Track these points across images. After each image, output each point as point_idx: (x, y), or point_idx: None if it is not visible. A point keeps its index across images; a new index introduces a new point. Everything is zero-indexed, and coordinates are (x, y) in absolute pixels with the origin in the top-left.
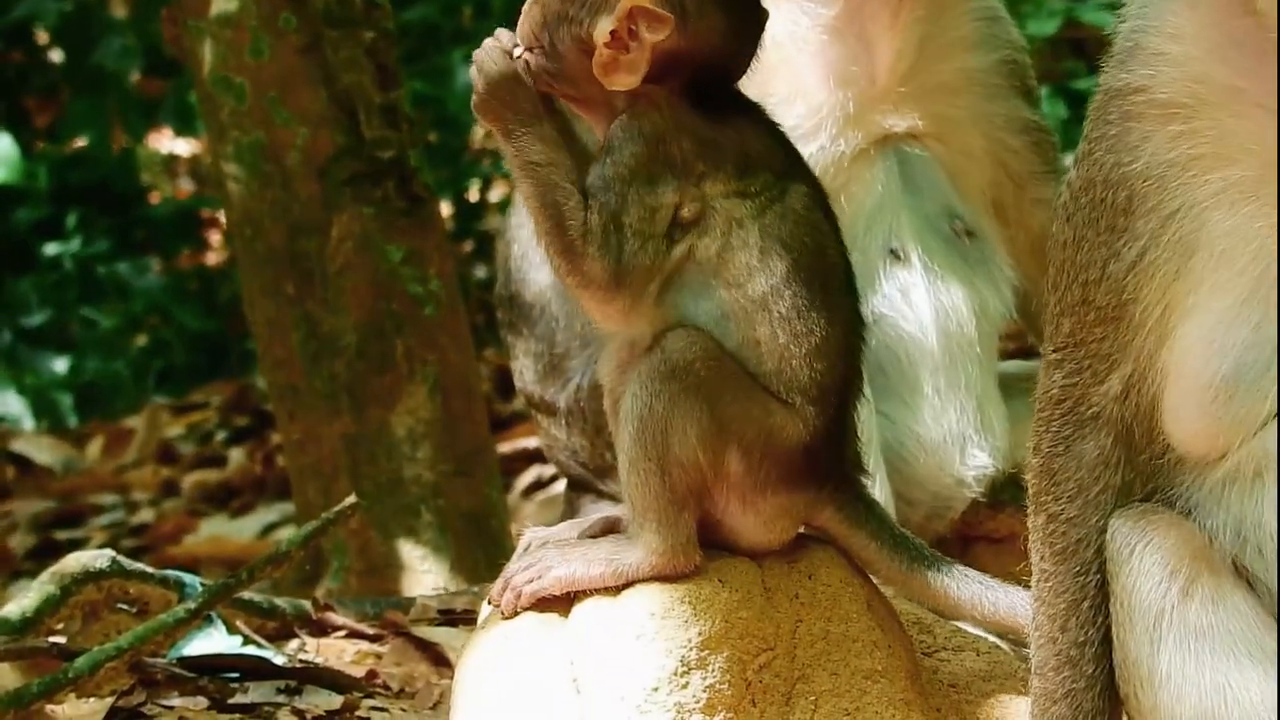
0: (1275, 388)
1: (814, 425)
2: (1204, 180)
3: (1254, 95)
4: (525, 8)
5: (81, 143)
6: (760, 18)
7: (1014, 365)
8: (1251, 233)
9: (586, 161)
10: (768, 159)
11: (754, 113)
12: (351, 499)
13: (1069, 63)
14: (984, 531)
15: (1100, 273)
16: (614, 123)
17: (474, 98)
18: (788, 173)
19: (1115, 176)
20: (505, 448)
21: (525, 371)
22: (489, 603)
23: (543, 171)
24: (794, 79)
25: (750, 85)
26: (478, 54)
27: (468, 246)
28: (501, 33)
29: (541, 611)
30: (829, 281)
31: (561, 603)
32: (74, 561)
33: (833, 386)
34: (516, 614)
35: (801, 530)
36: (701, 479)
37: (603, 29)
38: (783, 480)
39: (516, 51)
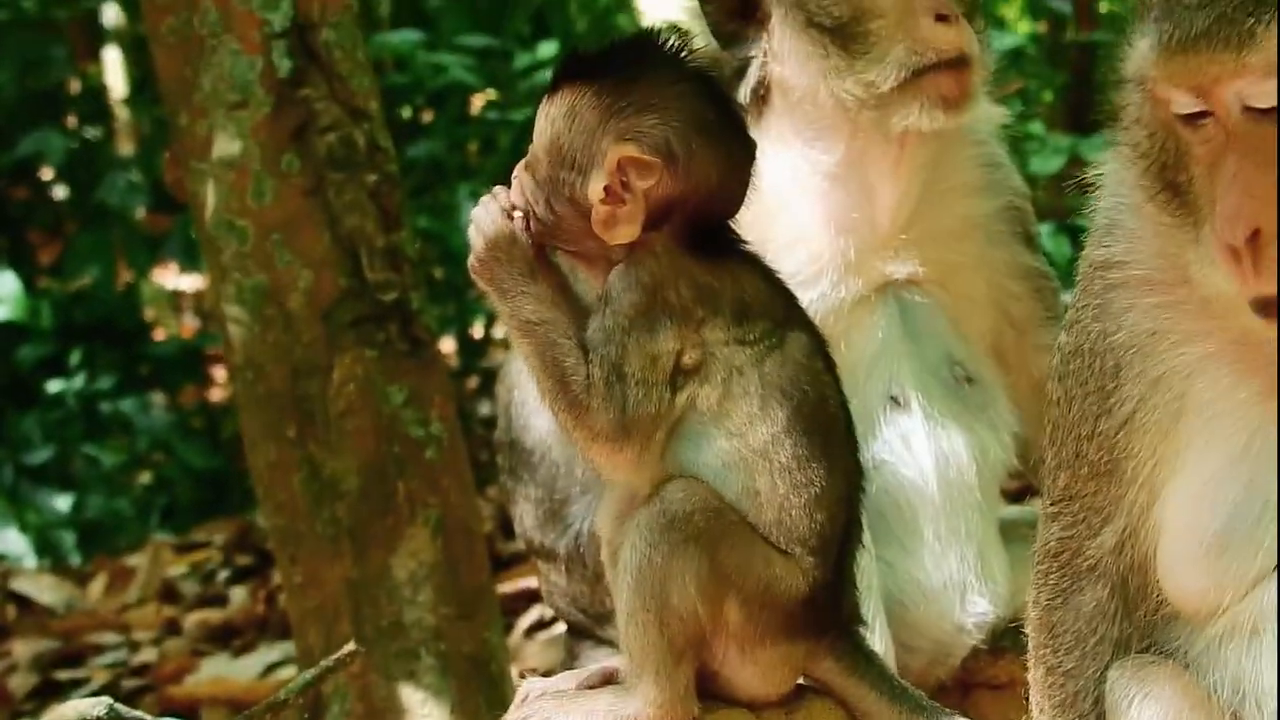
0: (1267, 545)
1: (813, 576)
2: (1183, 350)
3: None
4: (515, 174)
5: (86, 279)
6: (749, 148)
7: (1015, 511)
8: (1235, 400)
9: (585, 315)
10: (767, 306)
11: (751, 259)
12: (351, 646)
13: (1073, 199)
14: (985, 678)
15: (1092, 429)
16: (611, 273)
17: (471, 259)
18: (786, 320)
19: (1101, 345)
20: (507, 587)
21: (525, 517)
22: None
23: (540, 330)
24: (795, 225)
25: (751, 231)
26: (475, 213)
27: (472, 383)
28: (499, 191)
29: None
30: (829, 430)
31: None
32: (71, 709)
33: (833, 537)
34: None
35: (799, 680)
36: (700, 630)
37: (595, 187)
38: (782, 631)
39: (514, 211)
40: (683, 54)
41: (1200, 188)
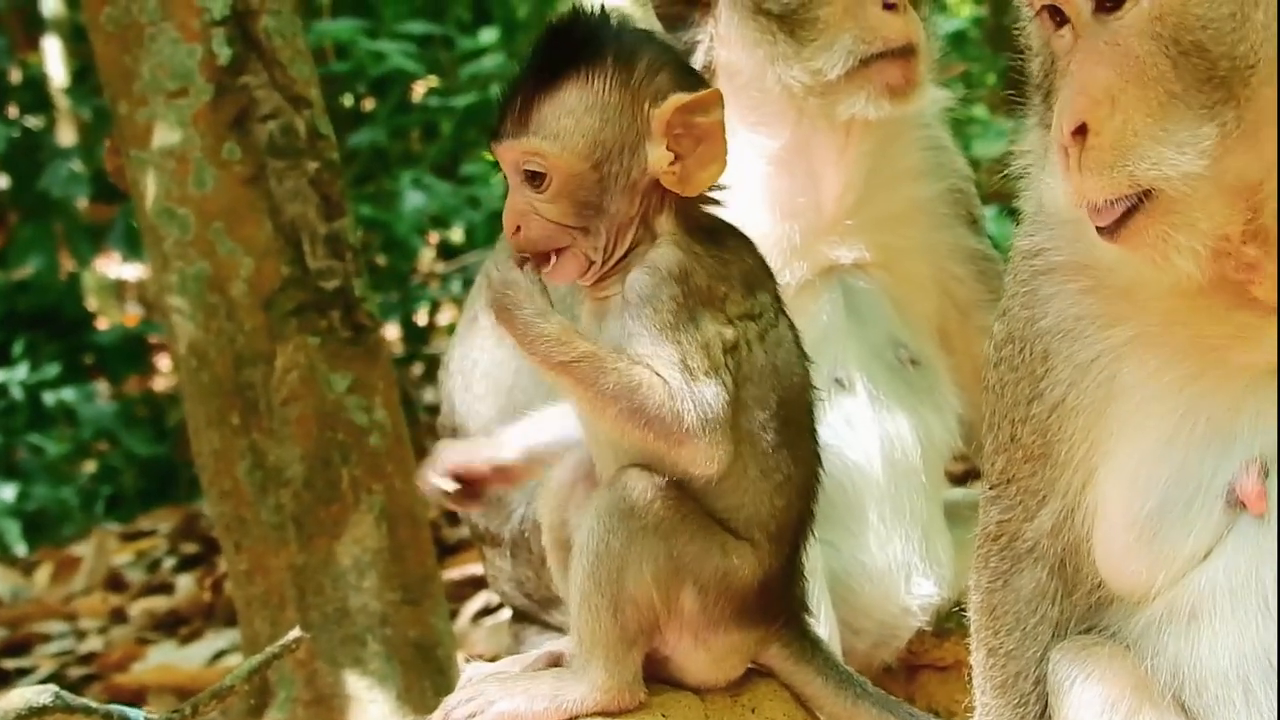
0: (1199, 529)
1: (769, 563)
2: (1110, 334)
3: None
4: (524, 223)
5: (28, 269)
6: None
7: (959, 493)
8: (1163, 383)
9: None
10: (765, 279)
11: (738, 233)
12: (296, 633)
13: (1016, 183)
14: (930, 660)
15: (1025, 413)
16: (630, 278)
17: (490, 307)
18: (777, 296)
19: (1030, 331)
20: (453, 573)
21: None
22: None
23: (585, 364)
24: (739, 210)
25: None
26: (492, 264)
27: (416, 370)
28: (499, 256)
29: None
30: (803, 416)
31: None
32: (17, 697)
33: (790, 524)
34: None
35: (749, 666)
36: (654, 617)
37: (659, 154)
38: (735, 618)
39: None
40: (613, 21)
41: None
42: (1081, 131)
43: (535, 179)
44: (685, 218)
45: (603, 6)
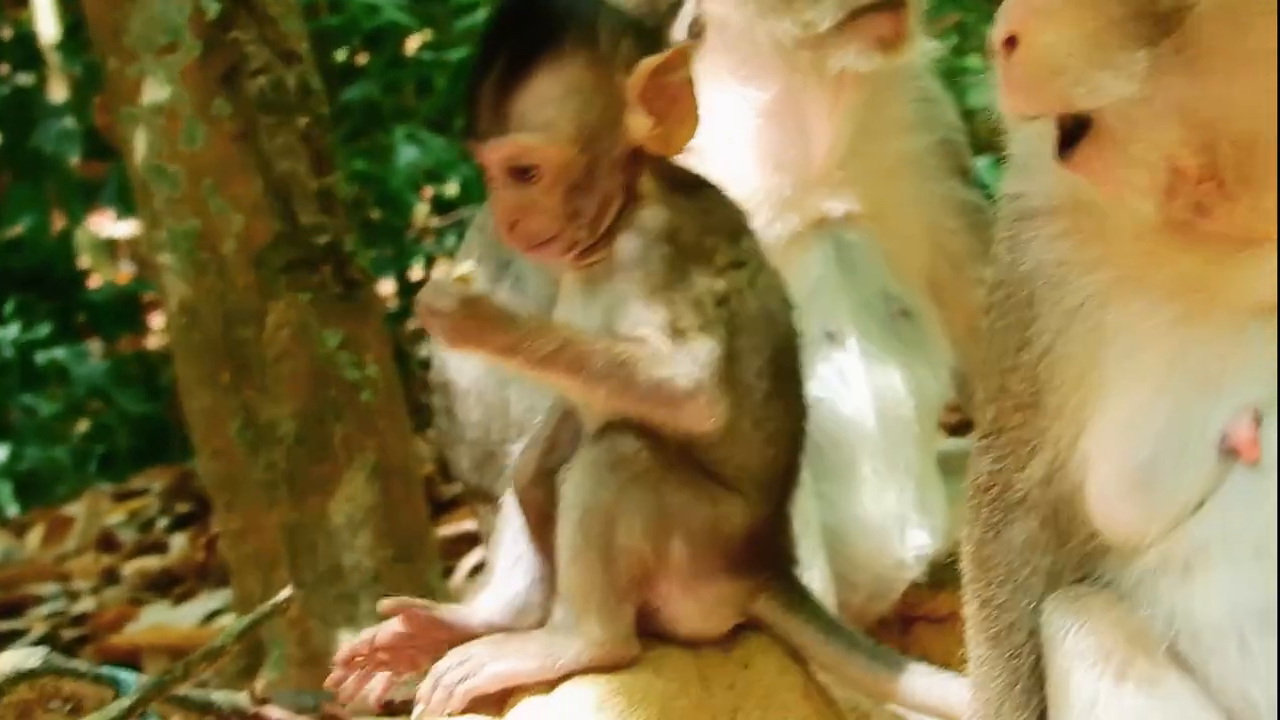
0: (1192, 477)
1: (758, 513)
2: (1091, 279)
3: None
4: (518, 217)
5: (19, 228)
6: None
7: (953, 445)
8: (1153, 324)
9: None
10: (746, 223)
11: (709, 181)
12: (287, 592)
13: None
14: (925, 611)
15: (1014, 361)
16: (619, 242)
17: (444, 337)
18: (758, 240)
19: (1015, 276)
20: (448, 530)
21: (462, 459)
22: (418, 701)
23: (566, 353)
24: (730, 162)
25: None
26: (424, 296)
27: (411, 325)
28: (433, 283)
29: (474, 711)
30: (794, 364)
31: (494, 703)
32: (5, 661)
33: (780, 474)
34: (448, 714)
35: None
36: (645, 569)
37: (640, 121)
38: (724, 568)
39: (466, 267)
40: None
41: None
42: (1012, 43)
43: (525, 174)
44: (663, 175)
45: None
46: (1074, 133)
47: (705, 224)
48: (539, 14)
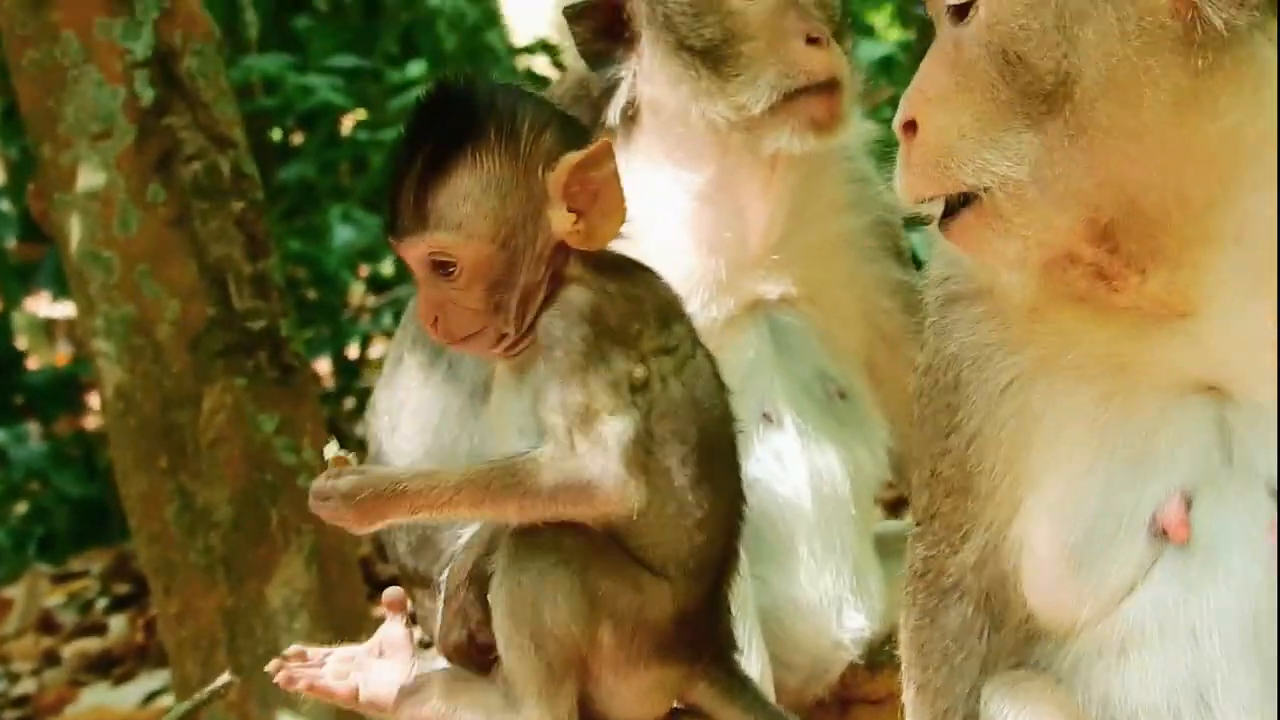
0: (1124, 559)
1: (688, 598)
2: (1016, 359)
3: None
4: (440, 317)
5: None
6: None
7: (891, 526)
8: (1077, 404)
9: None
10: (680, 311)
11: (646, 268)
12: (226, 677)
13: None
14: (862, 693)
15: (944, 446)
16: (543, 321)
17: (352, 528)
18: (693, 328)
19: (941, 360)
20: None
21: (398, 544)
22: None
23: (465, 489)
24: (665, 244)
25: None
26: (318, 487)
27: (349, 404)
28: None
29: None
30: (725, 450)
31: None
32: None
33: (710, 561)
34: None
35: (676, 705)
36: (577, 652)
37: (561, 217)
38: (655, 654)
39: (332, 450)
40: (477, 85)
41: None
42: (910, 128)
43: (445, 270)
44: (592, 259)
45: (469, 73)
46: (958, 204)
47: (632, 308)
48: (458, 110)
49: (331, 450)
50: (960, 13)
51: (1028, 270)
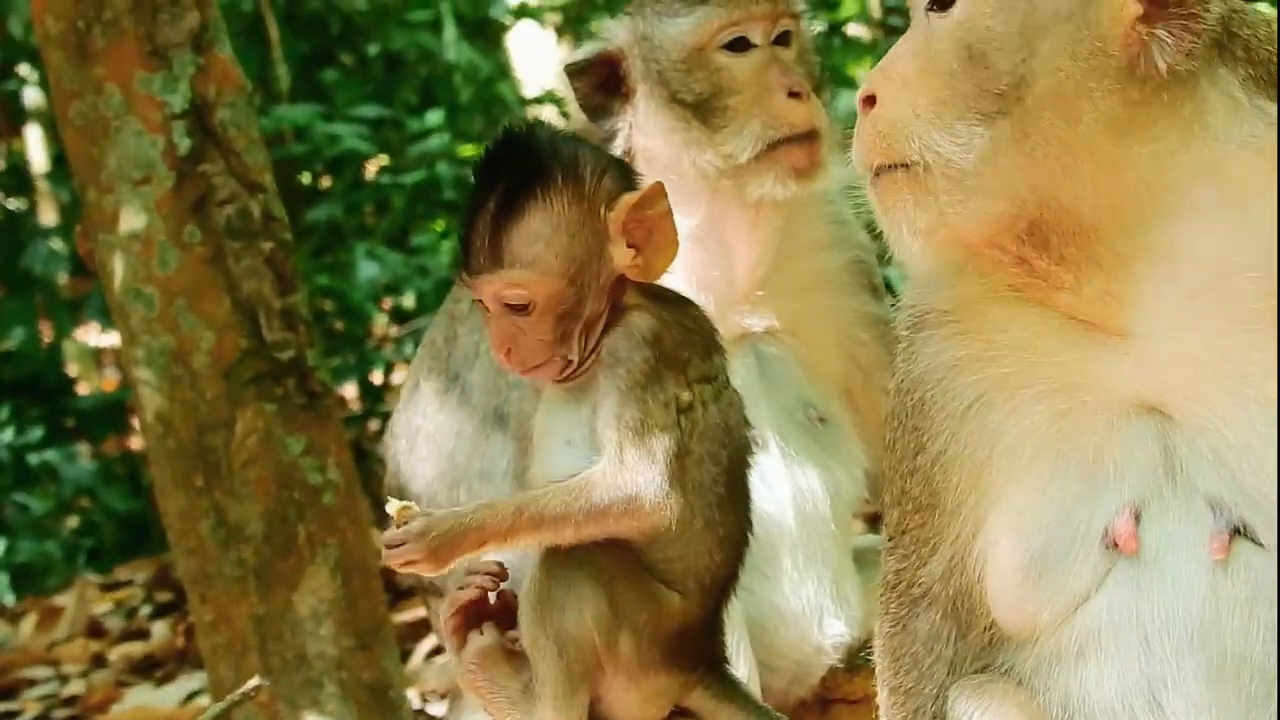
0: (1079, 569)
1: (697, 612)
2: (977, 378)
3: (993, 297)
4: (511, 343)
5: (12, 341)
6: None
7: (867, 540)
8: (1031, 423)
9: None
10: (718, 342)
11: (691, 301)
12: (257, 680)
13: None
14: (842, 694)
15: (911, 465)
16: (608, 343)
17: (427, 571)
18: (726, 359)
19: (908, 382)
20: (406, 616)
21: None
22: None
23: (525, 515)
24: (659, 282)
25: None
26: (390, 538)
27: (373, 426)
28: (385, 540)
29: None
30: (744, 477)
31: None
32: None
33: (722, 579)
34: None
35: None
36: (596, 659)
37: (622, 253)
38: (663, 663)
39: (395, 505)
40: (540, 132)
41: None
42: (870, 102)
43: (518, 305)
44: (646, 290)
45: (534, 120)
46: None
47: (684, 337)
48: (526, 155)
49: (394, 506)
50: (943, 4)
51: (930, 243)
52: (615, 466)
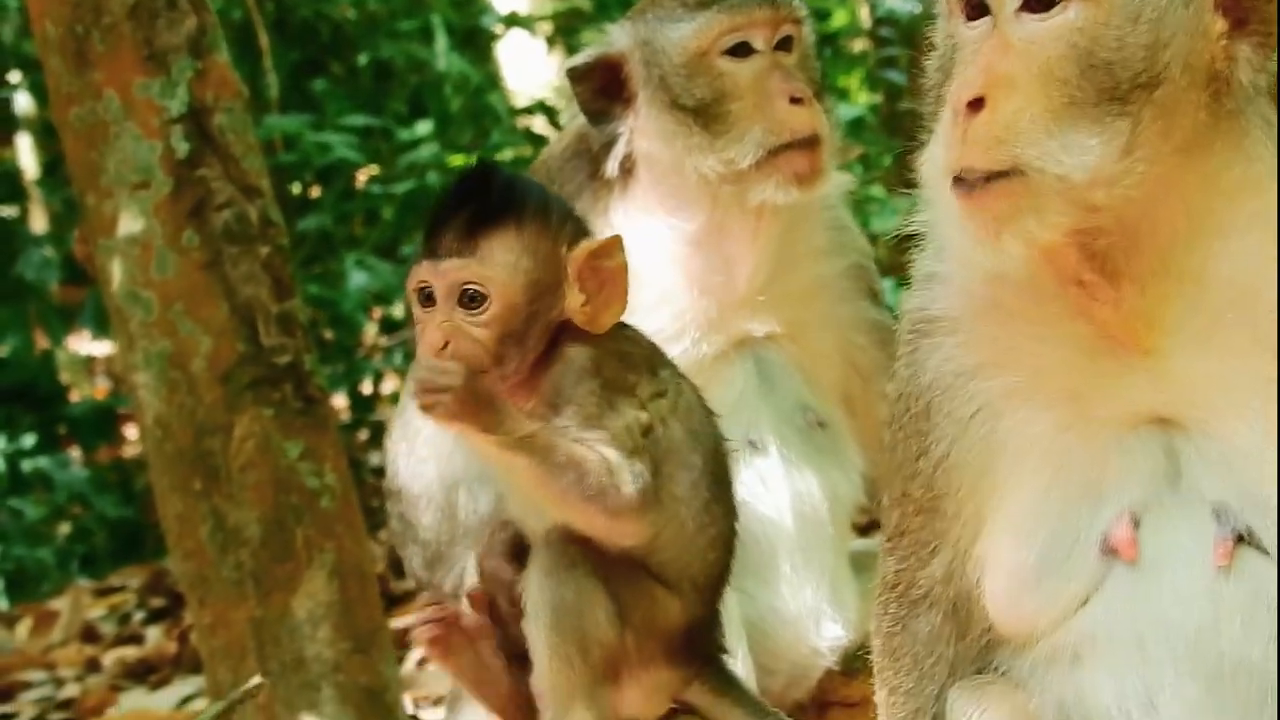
0: (1077, 574)
1: (695, 609)
2: (986, 386)
3: (1009, 307)
4: (454, 345)
5: (5, 348)
6: None
7: (864, 544)
8: (1037, 432)
9: None
10: (662, 357)
11: (625, 324)
12: (254, 680)
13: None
14: (839, 697)
15: (913, 469)
16: (547, 380)
17: (443, 412)
18: (675, 369)
19: (913, 388)
20: (401, 622)
21: (414, 558)
22: None
23: (537, 440)
24: (659, 287)
25: None
26: (426, 376)
27: (363, 435)
28: (423, 360)
29: None
30: (722, 470)
31: None
32: None
33: (716, 576)
34: None
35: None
36: (615, 654)
37: (574, 296)
38: (664, 658)
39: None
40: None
41: None
42: (977, 105)
43: (474, 301)
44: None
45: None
46: (980, 181)
47: (624, 361)
48: (506, 180)
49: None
50: (1042, 6)
51: (1032, 251)
52: (609, 464)
